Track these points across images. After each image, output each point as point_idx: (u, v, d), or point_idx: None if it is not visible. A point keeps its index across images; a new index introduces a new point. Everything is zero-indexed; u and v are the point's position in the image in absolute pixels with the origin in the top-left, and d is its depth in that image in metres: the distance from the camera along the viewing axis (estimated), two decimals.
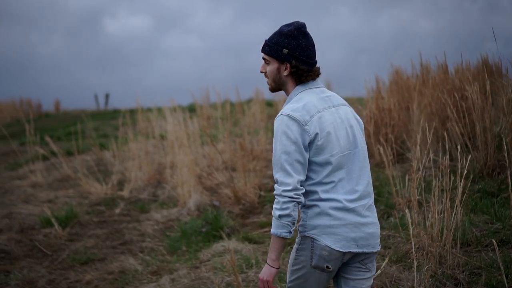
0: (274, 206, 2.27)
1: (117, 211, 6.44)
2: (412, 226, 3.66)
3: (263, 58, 2.41)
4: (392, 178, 5.23)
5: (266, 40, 2.40)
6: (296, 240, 2.36)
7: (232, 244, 4.88)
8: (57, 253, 5.37)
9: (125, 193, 6.99)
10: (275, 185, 2.28)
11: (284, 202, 2.23)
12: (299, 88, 2.39)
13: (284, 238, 2.27)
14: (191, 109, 14.07)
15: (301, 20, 2.42)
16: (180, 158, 6.56)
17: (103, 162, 8.66)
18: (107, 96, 25.69)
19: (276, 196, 2.27)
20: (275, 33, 2.39)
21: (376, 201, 5.43)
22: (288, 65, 2.35)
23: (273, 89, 2.44)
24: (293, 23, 2.39)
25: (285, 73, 2.37)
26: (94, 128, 15.19)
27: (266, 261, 2.33)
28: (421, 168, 4.12)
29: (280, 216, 2.24)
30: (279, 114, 2.31)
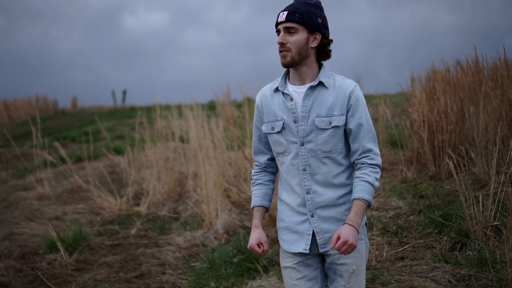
0: (374, 175, 2.22)
1: (133, 231, 5.59)
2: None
3: (287, 27, 2.22)
4: (463, 197, 4.27)
5: (290, 8, 2.23)
6: (360, 230, 2.24)
7: (270, 282, 4.00)
8: (62, 286, 4.54)
9: (142, 208, 6.14)
10: (373, 155, 2.25)
11: (379, 173, 2.25)
12: (325, 67, 2.32)
13: None
14: (211, 106, 13.21)
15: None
16: (205, 170, 5.68)
17: (118, 170, 7.82)
18: (124, 92, 25.08)
19: (376, 167, 2.24)
20: (300, 2, 2.25)
21: (442, 224, 4.51)
22: (319, 36, 2.26)
23: (293, 63, 2.23)
24: None
25: (314, 44, 2.26)
26: (110, 128, 14.42)
27: (350, 224, 2.15)
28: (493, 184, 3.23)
29: (375, 187, 2.23)
30: (351, 83, 2.27)
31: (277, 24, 2.26)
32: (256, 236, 2.32)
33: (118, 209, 6.19)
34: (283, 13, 2.23)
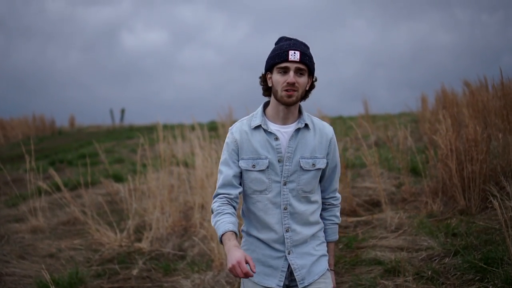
0: (339, 214, 2.51)
1: (135, 272, 5.06)
2: None
3: (298, 68, 2.25)
4: (509, 239, 3.77)
5: (300, 50, 2.26)
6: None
7: None
8: None
9: (144, 245, 5.62)
10: (337, 194, 2.49)
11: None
12: (303, 108, 2.40)
13: None
14: (212, 127, 12.74)
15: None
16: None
17: (117, 198, 7.31)
18: (122, 111, 24.68)
19: (339, 205, 2.51)
20: (303, 45, 2.32)
21: (484, 270, 4.01)
22: (311, 80, 2.35)
23: (295, 103, 2.30)
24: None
25: (307, 86, 2.34)
26: (108, 149, 13.92)
27: (331, 269, 2.47)
28: None
29: None
30: (330, 127, 2.41)
31: (286, 61, 2.24)
32: (241, 253, 2.05)
33: (118, 245, 5.67)
34: (295, 53, 2.24)
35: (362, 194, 6.59)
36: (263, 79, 2.36)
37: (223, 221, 2.21)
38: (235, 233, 2.19)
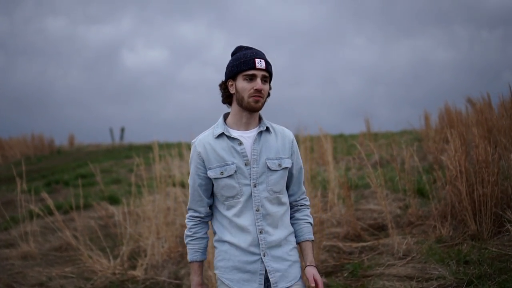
0: (310, 215, 2.58)
1: None
2: None
3: (264, 76, 2.36)
4: None
5: (264, 58, 2.38)
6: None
7: None
8: None
9: (138, 272, 5.34)
10: (306, 196, 2.59)
11: None
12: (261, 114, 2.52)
13: None
14: None
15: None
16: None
17: (111, 221, 7.03)
18: (122, 130, 24.50)
19: (309, 206, 2.58)
20: (262, 52, 2.42)
21: None
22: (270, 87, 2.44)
23: (261, 108, 2.40)
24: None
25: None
26: (106, 169, 13.68)
27: (314, 265, 2.44)
28: None
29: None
30: (289, 130, 2.51)
31: (254, 69, 2.33)
32: None
33: (111, 273, 5.39)
34: (260, 61, 2.34)
35: (366, 217, 6.32)
36: (224, 87, 2.43)
37: (193, 248, 2.43)
38: (202, 261, 2.45)
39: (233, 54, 2.45)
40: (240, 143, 2.37)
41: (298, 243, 2.51)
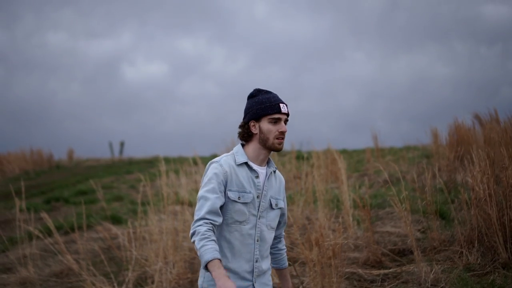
0: None
1: None
2: None
3: (286, 120, 2.61)
4: None
5: (285, 103, 2.60)
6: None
7: None
8: None
9: None
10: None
11: None
12: None
13: None
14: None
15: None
16: None
17: (115, 243, 6.68)
18: (122, 144, 24.18)
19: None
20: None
21: None
22: None
23: (282, 149, 2.60)
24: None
25: None
26: (107, 186, 13.32)
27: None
28: None
29: None
30: (281, 175, 2.77)
31: (279, 113, 2.56)
32: (232, 284, 2.22)
33: None
34: (284, 106, 2.58)
35: (385, 241, 5.98)
36: (247, 127, 2.58)
37: (211, 247, 2.33)
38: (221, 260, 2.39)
39: (251, 96, 2.62)
40: (257, 176, 2.57)
41: (278, 269, 2.83)
